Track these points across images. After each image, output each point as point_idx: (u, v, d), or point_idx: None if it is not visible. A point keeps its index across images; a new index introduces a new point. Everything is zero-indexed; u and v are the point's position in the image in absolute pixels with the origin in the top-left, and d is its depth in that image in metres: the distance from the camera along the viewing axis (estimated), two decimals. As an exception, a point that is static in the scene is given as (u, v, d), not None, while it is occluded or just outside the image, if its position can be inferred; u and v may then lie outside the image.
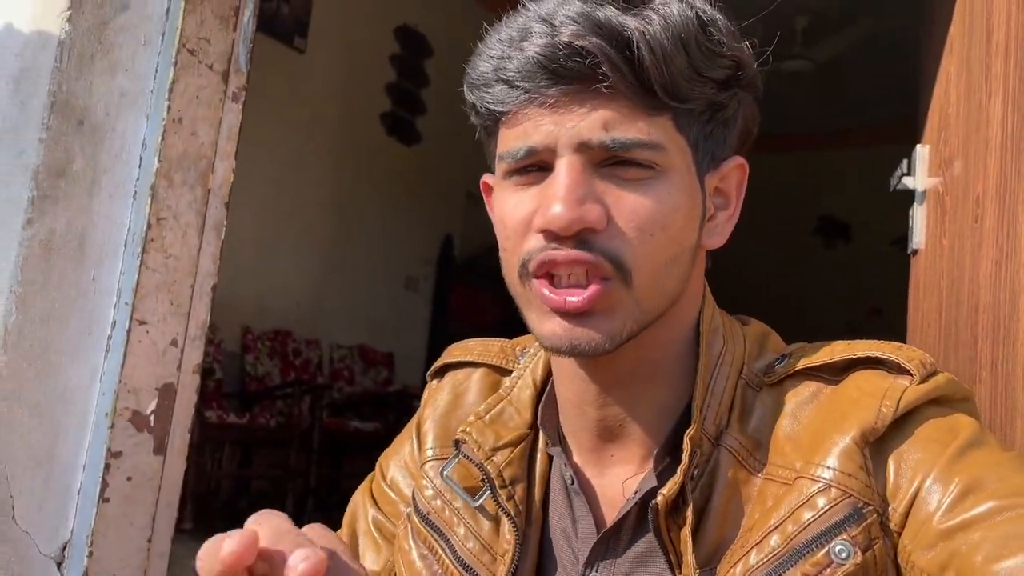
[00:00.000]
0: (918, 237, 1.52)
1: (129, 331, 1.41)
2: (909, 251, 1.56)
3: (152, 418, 1.44)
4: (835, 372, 0.64)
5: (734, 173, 0.67)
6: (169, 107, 1.46)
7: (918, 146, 1.53)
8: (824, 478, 0.58)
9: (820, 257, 7.70)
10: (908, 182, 1.52)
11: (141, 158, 1.47)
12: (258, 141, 4.37)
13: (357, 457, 4.89)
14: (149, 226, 1.44)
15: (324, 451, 4.70)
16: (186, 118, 1.48)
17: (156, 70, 1.49)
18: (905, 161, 1.53)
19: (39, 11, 1.43)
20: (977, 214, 1.21)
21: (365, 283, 5.58)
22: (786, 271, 7.53)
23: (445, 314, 6.06)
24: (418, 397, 0.86)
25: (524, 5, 0.61)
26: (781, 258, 7.59)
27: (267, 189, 4.77)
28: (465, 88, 0.65)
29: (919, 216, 1.51)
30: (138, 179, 1.46)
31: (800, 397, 0.64)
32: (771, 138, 7.54)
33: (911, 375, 0.60)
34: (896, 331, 1.62)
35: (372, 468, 0.86)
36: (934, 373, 0.61)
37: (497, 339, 0.82)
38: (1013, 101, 1.11)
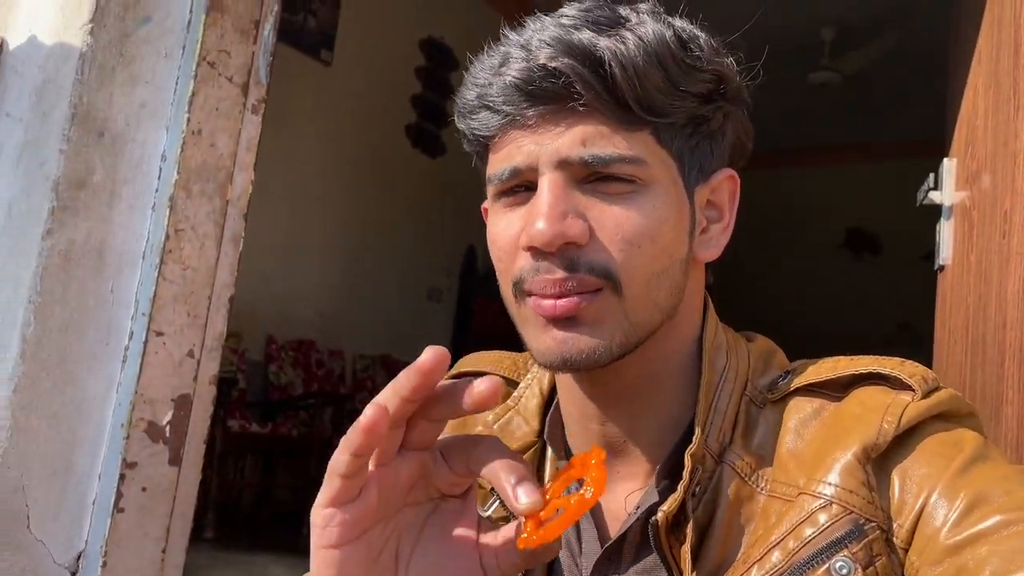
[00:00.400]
0: (945, 252, 1.49)
1: (146, 342, 1.42)
2: (936, 267, 1.53)
3: (168, 429, 1.44)
4: (838, 388, 0.64)
5: (725, 185, 0.68)
6: (188, 119, 1.47)
7: (945, 160, 1.51)
8: (825, 494, 0.58)
9: (848, 271, 7.62)
10: (935, 196, 1.49)
11: (160, 169, 1.48)
12: (285, 152, 4.40)
13: (378, 468, 4.88)
14: (167, 237, 1.44)
15: (346, 462, 4.70)
16: (205, 130, 1.49)
17: (176, 82, 1.50)
18: (932, 175, 1.50)
19: (61, 24, 1.45)
20: (1005, 230, 1.18)
21: (388, 294, 5.60)
22: (813, 284, 7.45)
23: (468, 325, 6.06)
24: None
25: (506, 35, 0.64)
26: (808, 271, 7.53)
27: (293, 199, 4.80)
28: (456, 117, 0.67)
29: (946, 231, 1.49)
30: (157, 190, 1.47)
31: (803, 413, 0.64)
32: (799, 151, 7.50)
33: (913, 391, 0.60)
34: (926, 347, 1.59)
35: None
36: (936, 389, 0.61)
37: (510, 352, 0.82)
38: (1041, 114, 1.08)
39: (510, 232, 0.63)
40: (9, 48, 1.52)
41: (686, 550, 0.60)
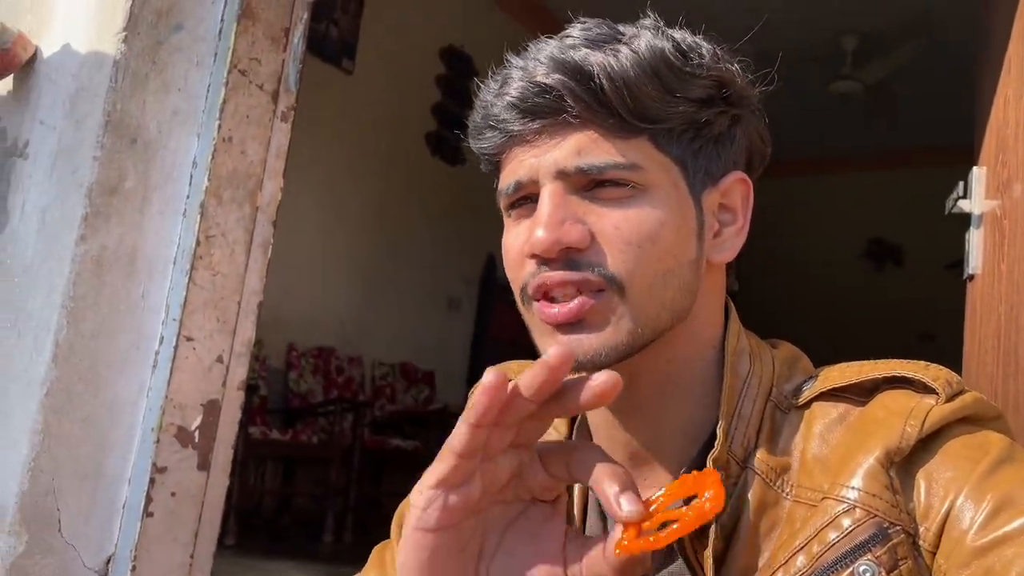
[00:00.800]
0: (975, 261, 1.48)
1: (176, 347, 1.43)
2: (965, 276, 1.52)
3: (197, 434, 1.45)
4: (863, 392, 0.64)
5: (737, 188, 0.68)
6: (219, 126, 1.48)
7: (974, 168, 1.50)
8: (849, 499, 0.59)
9: (869, 281, 7.56)
10: (964, 205, 1.49)
11: (191, 176, 1.49)
12: (306, 161, 4.43)
13: (397, 475, 4.89)
14: (198, 243, 1.46)
15: (365, 469, 4.71)
16: (236, 137, 1.50)
17: (208, 90, 1.51)
18: (961, 184, 1.50)
19: (95, 32, 1.47)
20: (1038, 238, 1.17)
21: (408, 302, 5.61)
22: (833, 294, 7.40)
23: (487, 334, 6.06)
24: (458, 415, 0.87)
25: (508, 59, 0.67)
26: (828, 281, 7.48)
27: (314, 208, 4.83)
28: (469, 140, 0.70)
29: (975, 240, 1.48)
30: (188, 197, 1.48)
31: (828, 418, 0.64)
32: (820, 161, 7.46)
33: (937, 394, 0.61)
34: (949, 357, 1.57)
35: (412, 486, 0.87)
36: (961, 392, 0.61)
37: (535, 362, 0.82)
38: (1077, 122, 1.08)
39: (518, 243, 0.65)
40: (43, 56, 1.54)
41: (708, 554, 0.61)
